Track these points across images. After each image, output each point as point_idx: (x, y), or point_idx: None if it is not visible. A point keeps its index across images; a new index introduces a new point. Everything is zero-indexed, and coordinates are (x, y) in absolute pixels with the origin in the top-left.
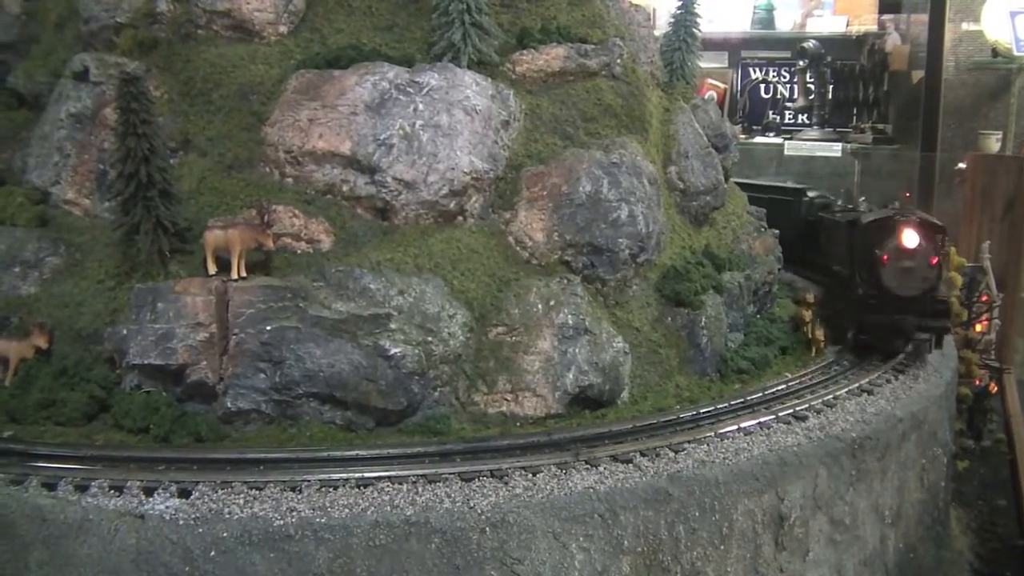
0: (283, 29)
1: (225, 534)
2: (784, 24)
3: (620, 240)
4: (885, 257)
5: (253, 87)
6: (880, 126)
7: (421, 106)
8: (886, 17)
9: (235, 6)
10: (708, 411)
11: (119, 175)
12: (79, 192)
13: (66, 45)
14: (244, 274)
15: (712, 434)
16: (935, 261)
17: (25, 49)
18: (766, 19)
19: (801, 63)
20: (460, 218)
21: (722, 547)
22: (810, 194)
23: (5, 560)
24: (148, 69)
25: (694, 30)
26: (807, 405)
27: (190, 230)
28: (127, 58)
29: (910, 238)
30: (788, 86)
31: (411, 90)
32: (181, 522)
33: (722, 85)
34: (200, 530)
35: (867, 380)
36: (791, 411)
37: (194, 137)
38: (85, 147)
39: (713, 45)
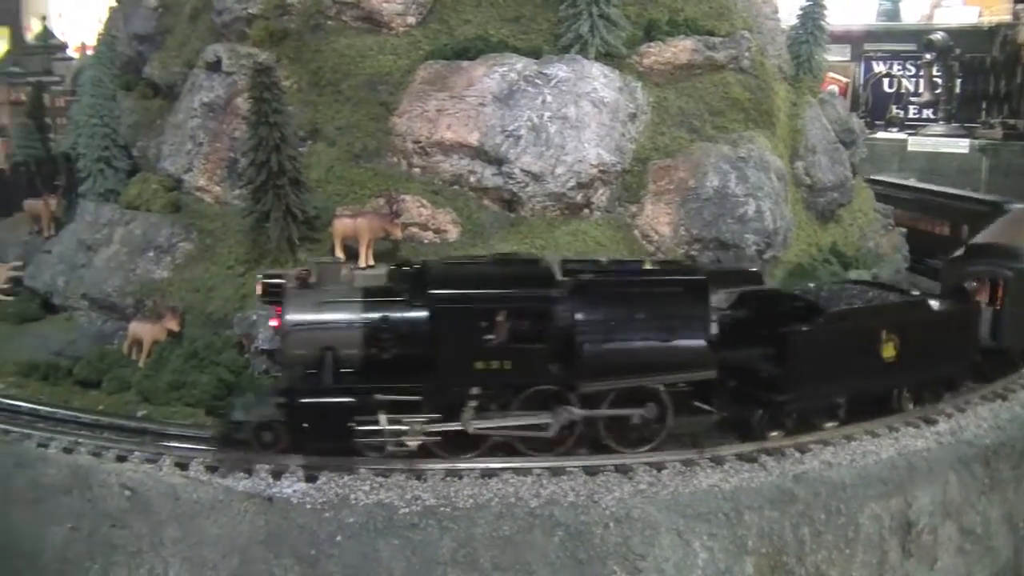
0: (411, 20)
1: (351, 520)
2: (910, 16)
3: (747, 236)
4: None
5: (381, 77)
6: (1011, 121)
7: (549, 98)
8: (1021, 7)
9: None
10: None
11: (251, 163)
12: (210, 179)
13: (200, 36)
14: (372, 262)
15: (838, 435)
16: None
17: (160, 40)
18: (892, 11)
19: (928, 56)
20: (586, 210)
21: (847, 551)
22: None
23: (142, 535)
24: (279, 59)
25: (822, 23)
26: (938, 408)
27: (318, 218)
28: (258, 49)
29: None
30: (913, 80)
31: (539, 81)
32: (308, 506)
33: (844, 79)
34: (326, 515)
35: (1001, 385)
36: (920, 414)
37: (323, 126)
38: (217, 136)
39: (835, 38)
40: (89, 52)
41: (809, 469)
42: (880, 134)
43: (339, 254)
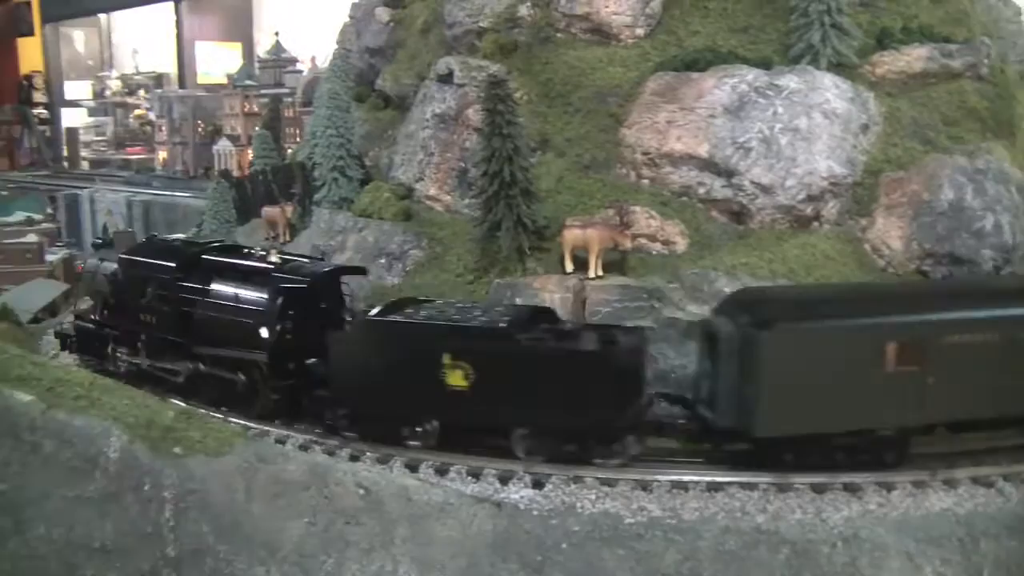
0: (640, 32)
1: (577, 528)
2: None
3: (984, 251)
4: None
5: (611, 89)
6: None
7: (780, 109)
8: None
9: (594, 10)
10: None
11: (483, 174)
12: (441, 188)
13: (431, 49)
14: (600, 273)
15: None
16: None
17: (392, 54)
18: None
19: None
20: (815, 223)
21: None
22: None
23: (374, 533)
24: (509, 72)
25: None
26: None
27: (548, 228)
28: (489, 61)
29: None
30: None
31: (770, 93)
32: (535, 512)
33: None
34: (553, 522)
35: None
36: None
37: (552, 137)
38: (448, 146)
39: None
40: (320, 65)
41: None
42: None
43: (568, 264)
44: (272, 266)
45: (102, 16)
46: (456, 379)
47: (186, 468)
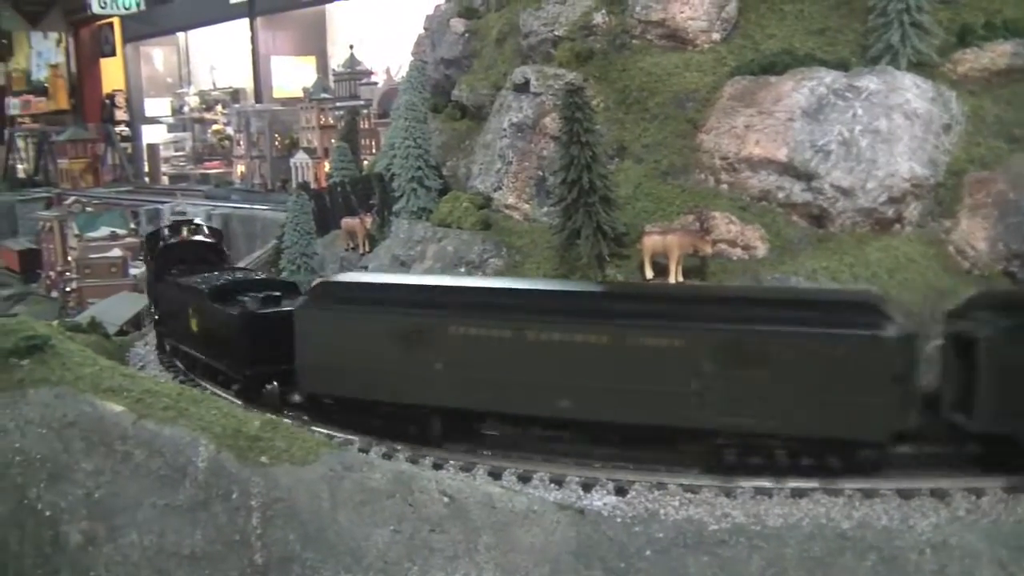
0: (716, 36)
1: (660, 534)
2: None
3: None
4: None
5: (688, 94)
6: None
7: (860, 111)
8: None
9: (669, 15)
10: None
11: (562, 182)
12: (519, 197)
13: (506, 59)
14: (681, 279)
15: None
16: None
17: (468, 64)
18: None
19: None
20: (897, 226)
21: None
22: None
23: (458, 541)
24: (585, 79)
25: None
26: None
27: (627, 235)
28: (565, 69)
29: None
30: None
31: (849, 95)
32: (618, 519)
33: None
34: (636, 529)
35: None
36: None
37: (630, 144)
38: (525, 155)
39: None
40: (395, 77)
41: None
42: None
43: (648, 270)
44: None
45: (180, 34)
46: (194, 325)
47: (272, 477)
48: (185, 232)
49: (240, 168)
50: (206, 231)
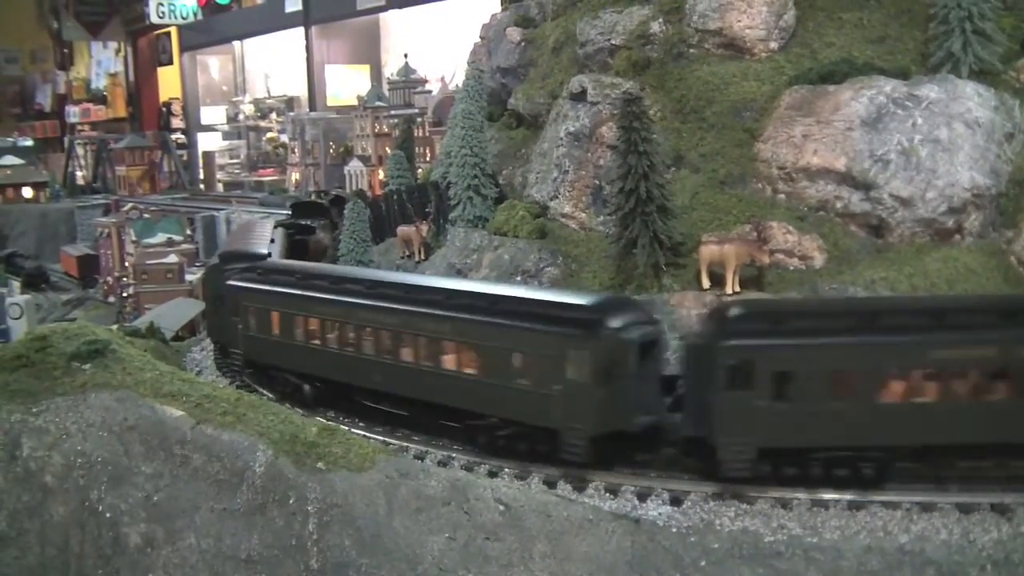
0: (773, 45)
1: (715, 545)
2: None
3: None
4: None
5: (745, 104)
6: None
7: (920, 120)
8: None
9: (727, 24)
10: None
11: (619, 191)
12: (575, 206)
13: (562, 68)
14: (738, 289)
15: None
16: None
17: (524, 73)
18: None
19: None
20: (957, 236)
21: None
22: None
23: (513, 549)
24: (642, 88)
25: None
26: None
27: (684, 244)
28: (622, 78)
29: None
30: None
31: (909, 104)
32: (674, 529)
33: None
34: (691, 539)
35: None
36: None
37: (687, 153)
38: (582, 164)
39: None
40: (450, 85)
41: None
42: None
43: (705, 280)
44: None
45: (236, 43)
46: None
47: (329, 483)
48: None
49: (294, 175)
50: None
